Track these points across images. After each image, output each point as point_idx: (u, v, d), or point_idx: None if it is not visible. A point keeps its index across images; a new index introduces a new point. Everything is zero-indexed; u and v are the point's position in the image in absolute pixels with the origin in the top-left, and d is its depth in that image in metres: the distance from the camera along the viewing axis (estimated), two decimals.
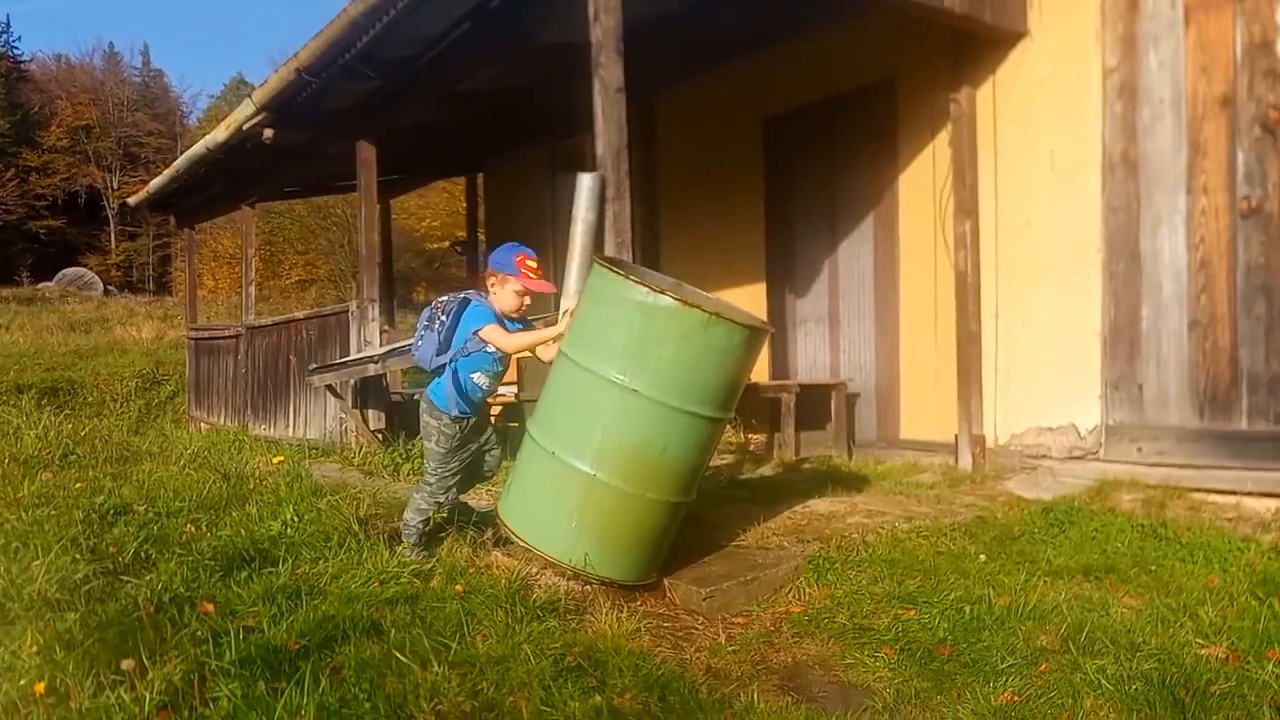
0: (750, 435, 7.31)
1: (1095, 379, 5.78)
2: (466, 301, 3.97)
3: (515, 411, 8.50)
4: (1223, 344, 5.22)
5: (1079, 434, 5.85)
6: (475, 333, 3.88)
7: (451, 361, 3.92)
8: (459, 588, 3.49)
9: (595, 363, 3.53)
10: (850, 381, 7.21)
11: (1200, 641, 3.17)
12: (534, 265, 3.94)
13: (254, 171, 9.15)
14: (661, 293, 3.43)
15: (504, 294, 3.95)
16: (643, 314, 3.45)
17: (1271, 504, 4.84)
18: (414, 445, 6.10)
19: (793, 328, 7.80)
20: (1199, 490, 5.13)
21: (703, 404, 3.54)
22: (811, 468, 6.37)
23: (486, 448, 4.18)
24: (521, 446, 3.84)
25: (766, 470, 6.34)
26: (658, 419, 3.50)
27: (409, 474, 5.85)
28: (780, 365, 7.85)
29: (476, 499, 5.02)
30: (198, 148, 8.57)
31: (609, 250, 4.63)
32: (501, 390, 8.48)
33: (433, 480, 4.02)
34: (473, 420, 4.05)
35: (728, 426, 7.30)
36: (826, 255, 7.53)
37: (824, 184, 7.54)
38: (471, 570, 3.72)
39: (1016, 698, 2.87)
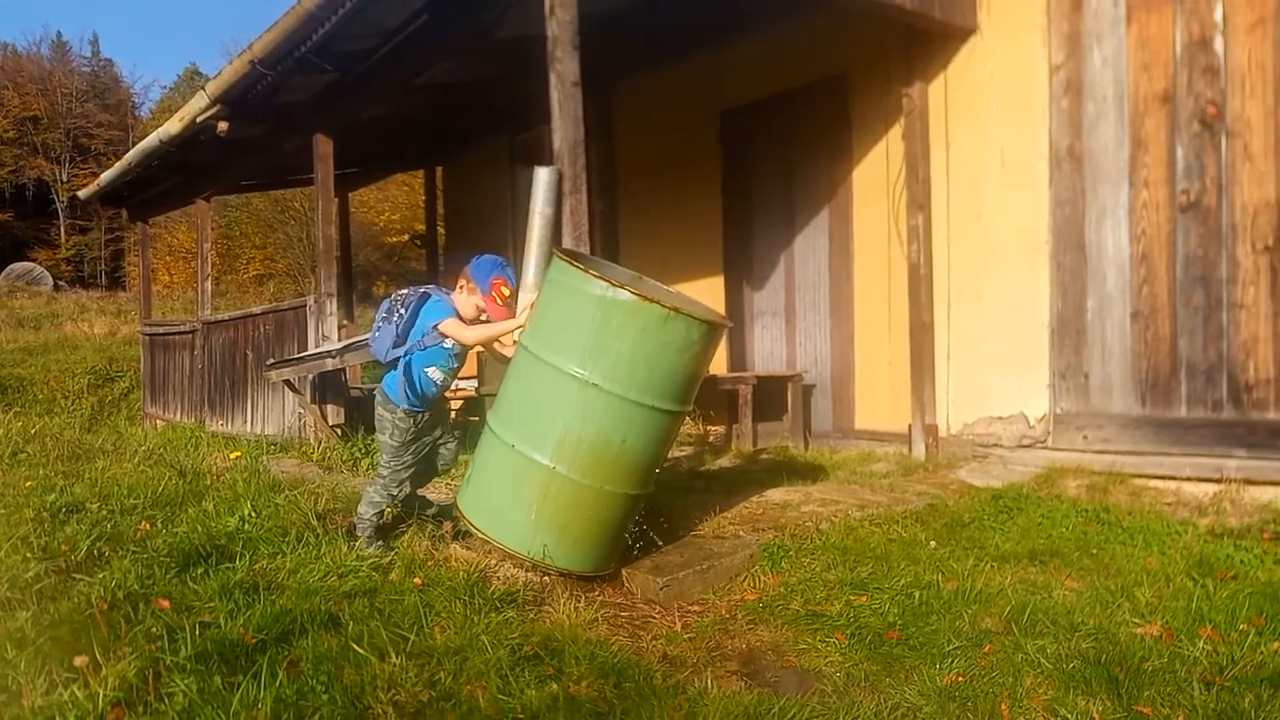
0: (709, 427, 7.39)
1: (1044, 369, 5.92)
2: (426, 296, 3.99)
3: (475, 406, 8.51)
4: (1163, 333, 5.38)
5: (1028, 423, 6.00)
6: (434, 326, 3.90)
7: (407, 355, 3.93)
8: (417, 580, 3.51)
9: (555, 356, 3.56)
10: (806, 373, 7.31)
11: (1136, 621, 3.28)
12: (507, 294, 3.96)
13: (209, 165, 9.03)
14: (620, 287, 3.47)
15: (466, 302, 3.99)
16: (602, 309, 3.48)
17: (1209, 488, 5.00)
18: (373, 440, 6.09)
19: (750, 320, 7.89)
20: (1141, 476, 5.30)
21: (662, 398, 3.58)
22: (768, 458, 6.46)
23: (442, 442, 4.20)
24: (481, 439, 3.86)
25: (724, 461, 6.41)
26: (617, 412, 3.54)
27: (368, 469, 5.84)
28: (738, 357, 7.93)
29: (435, 493, 5.03)
30: (150, 140, 8.44)
31: (566, 243, 4.66)
32: (461, 384, 8.51)
33: (386, 473, 4.04)
34: (427, 415, 4.06)
35: (686, 418, 7.38)
36: (783, 249, 7.62)
37: (780, 178, 7.62)
38: (430, 563, 3.75)
39: (961, 678, 2.96)
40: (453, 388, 8.55)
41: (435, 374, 3.98)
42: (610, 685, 2.81)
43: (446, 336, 3.92)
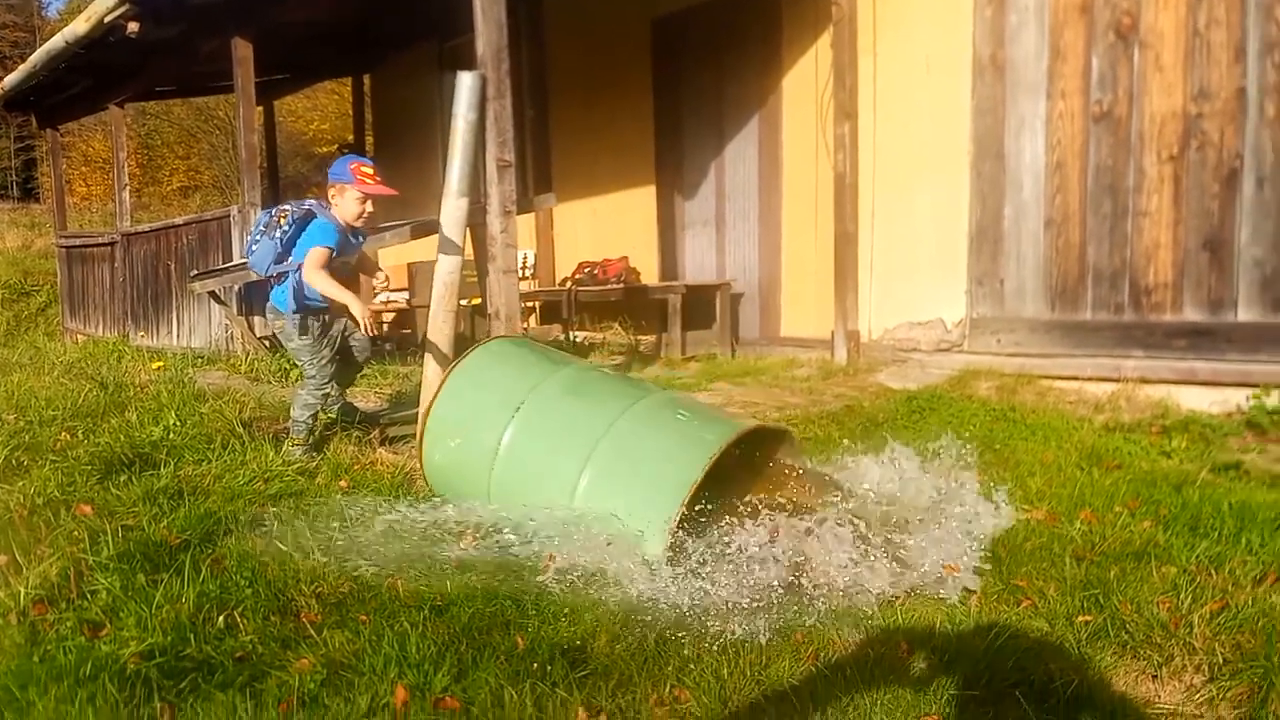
0: (639, 336, 7.48)
1: (962, 275, 6.10)
2: (311, 215, 3.97)
3: (408, 318, 8.48)
4: (1074, 241, 5.57)
5: (946, 328, 6.21)
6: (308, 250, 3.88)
7: (296, 271, 3.92)
8: (343, 483, 3.59)
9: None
10: (735, 282, 7.42)
11: (1026, 507, 3.51)
12: (370, 171, 3.98)
13: (121, 69, 8.62)
14: None
15: (345, 203, 3.98)
16: None
17: (1108, 387, 5.28)
18: None
19: (681, 230, 7.92)
20: (1048, 377, 5.56)
21: None
22: (695, 365, 6.59)
23: (348, 333, 4.23)
24: (482, 453, 3.41)
25: (653, 369, 6.53)
26: None
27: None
28: (669, 267, 7.99)
29: (364, 401, 5.08)
30: (56, 41, 8.01)
31: (491, 150, 4.64)
32: (393, 296, 8.42)
33: (313, 371, 4.06)
34: (322, 313, 4.09)
35: (617, 327, 7.45)
36: (714, 158, 7.62)
37: (712, 87, 7.57)
38: (356, 467, 3.81)
39: None
40: (385, 299, 8.47)
41: None
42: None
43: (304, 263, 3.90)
